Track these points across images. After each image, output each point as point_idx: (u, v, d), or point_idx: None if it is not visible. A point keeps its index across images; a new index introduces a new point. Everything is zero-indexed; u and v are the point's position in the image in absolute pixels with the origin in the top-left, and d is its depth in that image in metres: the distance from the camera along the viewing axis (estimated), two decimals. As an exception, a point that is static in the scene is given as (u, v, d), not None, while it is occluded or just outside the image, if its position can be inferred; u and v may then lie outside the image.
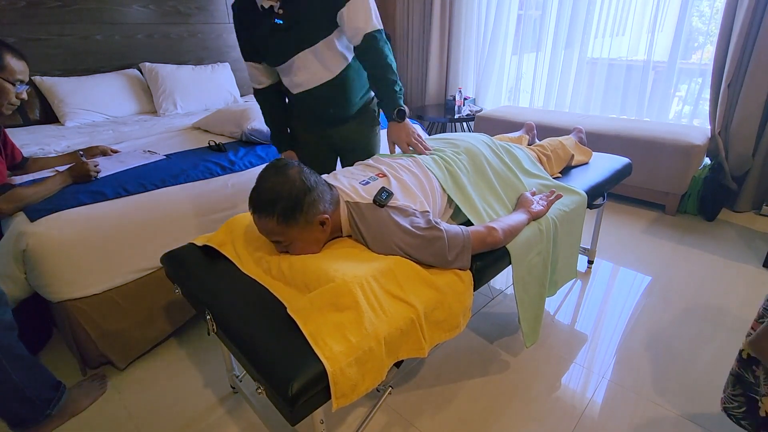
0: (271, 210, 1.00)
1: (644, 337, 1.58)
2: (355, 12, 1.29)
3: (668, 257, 2.10)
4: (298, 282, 0.99)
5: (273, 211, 1.00)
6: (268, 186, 1.01)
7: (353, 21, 1.30)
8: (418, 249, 1.03)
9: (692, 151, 2.36)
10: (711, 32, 2.78)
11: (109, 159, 1.80)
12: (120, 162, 1.75)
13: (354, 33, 1.32)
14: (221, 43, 3.29)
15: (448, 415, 1.29)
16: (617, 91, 3.10)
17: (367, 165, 1.30)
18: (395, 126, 1.40)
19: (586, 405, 1.32)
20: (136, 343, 1.51)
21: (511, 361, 1.49)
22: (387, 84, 1.37)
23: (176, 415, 1.33)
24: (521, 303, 1.28)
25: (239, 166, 1.81)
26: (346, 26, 1.32)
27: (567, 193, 1.48)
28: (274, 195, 1.00)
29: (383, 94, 1.40)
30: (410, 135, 1.39)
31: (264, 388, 0.84)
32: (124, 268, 1.45)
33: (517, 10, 3.38)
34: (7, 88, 1.30)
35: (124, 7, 2.75)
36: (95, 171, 1.58)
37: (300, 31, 1.33)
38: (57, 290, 1.34)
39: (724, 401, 1.05)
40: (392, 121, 1.40)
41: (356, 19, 1.30)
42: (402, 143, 1.40)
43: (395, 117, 1.39)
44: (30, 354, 1.20)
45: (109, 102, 2.62)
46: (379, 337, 0.87)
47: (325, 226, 1.06)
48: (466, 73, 3.77)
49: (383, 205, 1.07)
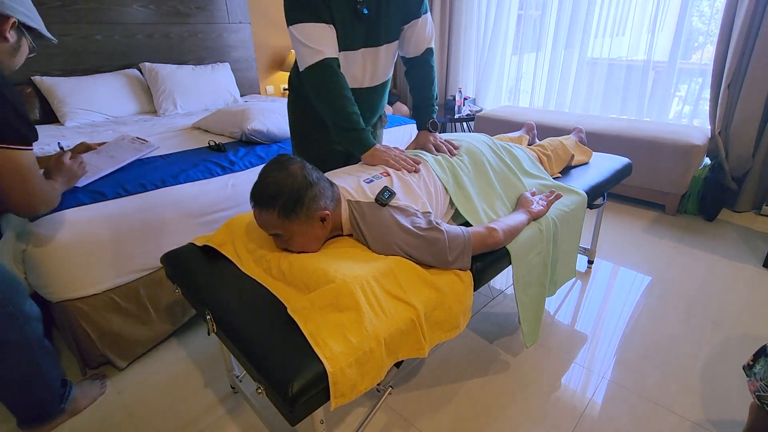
0: (272, 204, 1.00)
1: (644, 337, 1.58)
2: (425, 24, 1.37)
3: (668, 257, 2.10)
4: (298, 282, 0.99)
5: (274, 204, 1.00)
6: (270, 180, 1.02)
7: (423, 32, 1.37)
8: (418, 249, 1.03)
9: (692, 151, 2.36)
10: (711, 32, 2.78)
11: (98, 155, 1.61)
12: (111, 157, 1.62)
13: (418, 43, 1.39)
14: (221, 43, 3.29)
15: (448, 415, 1.29)
16: (617, 91, 3.10)
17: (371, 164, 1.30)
18: (427, 135, 1.44)
19: (586, 405, 1.32)
20: (136, 343, 1.51)
21: (511, 361, 1.49)
22: (431, 97, 1.46)
23: (176, 415, 1.33)
24: (521, 303, 1.28)
25: (239, 166, 1.81)
26: (414, 36, 1.37)
27: (567, 193, 1.48)
28: (276, 189, 1.00)
29: (424, 105, 1.47)
30: (437, 140, 1.43)
31: (264, 388, 0.84)
32: (124, 268, 1.45)
33: (517, 10, 3.39)
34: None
35: (124, 7, 2.75)
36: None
37: (385, 26, 1.32)
38: (57, 290, 1.34)
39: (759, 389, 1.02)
40: (424, 130, 1.46)
41: (425, 31, 1.38)
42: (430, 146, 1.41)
43: (429, 127, 1.45)
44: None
45: (109, 102, 2.62)
46: (379, 338, 0.87)
47: (325, 223, 1.06)
48: (466, 73, 3.77)
49: (385, 204, 1.07)
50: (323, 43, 1.21)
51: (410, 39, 1.38)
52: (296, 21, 1.19)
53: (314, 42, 1.20)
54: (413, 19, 1.34)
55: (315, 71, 1.22)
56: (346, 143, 1.31)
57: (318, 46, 1.20)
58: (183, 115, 2.74)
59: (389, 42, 1.35)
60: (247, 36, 3.44)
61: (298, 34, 1.20)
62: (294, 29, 1.21)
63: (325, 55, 1.21)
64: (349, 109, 1.25)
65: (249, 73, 3.52)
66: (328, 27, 1.21)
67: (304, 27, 1.19)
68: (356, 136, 1.27)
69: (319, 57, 1.21)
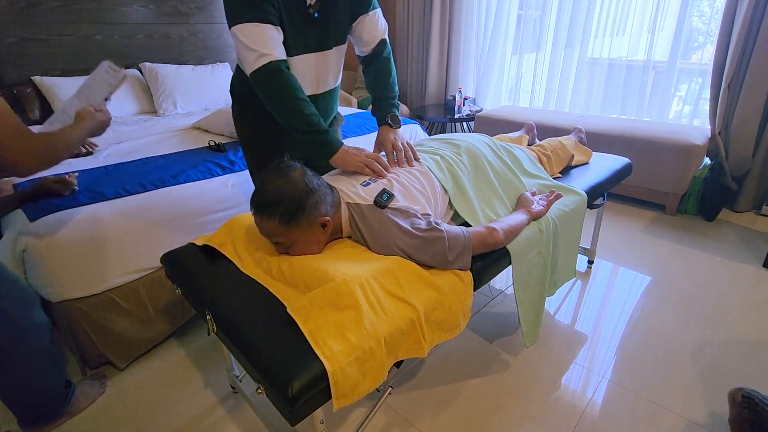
0: (273, 211, 1.00)
1: (644, 337, 1.58)
2: (375, 19, 1.31)
3: (668, 257, 2.10)
4: (298, 282, 0.99)
5: (275, 212, 1.00)
6: (270, 188, 1.01)
7: (374, 27, 1.31)
8: (418, 250, 1.03)
9: (692, 151, 2.36)
10: (711, 32, 2.78)
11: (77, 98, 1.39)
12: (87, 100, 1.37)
13: (370, 39, 1.33)
14: (221, 43, 3.29)
15: (448, 415, 1.29)
16: (617, 91, 3.10)
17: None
18: (387, 130, 1.33)
19: (586, 405, 1.32)
20: (136, 343, 1.51)
21: (511, 361, 1.49)
22: (388, 89, 1.37)
23: (176, 415, 1.33)
24: (521, 303, 1.28)
25: (239, 166, 1.81)
26: (365, 32, 1.31)
27: (567, 193, 1.48)
28: (277, 197, 1.00)
29: (382, 98, 1.38)
30: (398, 140, 1.31)
31: (264, 388, 0.84)
32: (124, 268, 1.45)
33: (517, 10, 3.39)
34: None
35: (124, 7, 2.75)
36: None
37: (334, 28, 1.28)
38: (57, 290, 1.34)
39: None
40: (384, 126, 1.35)
41: (377, 26, 1.32)
42: (388, 145, 1.29)
43: (389, 121, 1.34)
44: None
45: (109, 102, 2.61)
46: (378, 337, 0.87)
47: (326, 228, 1.06)
48: (466, 73, 3.77)
49: (384, 206, 1.07)
50: (269, 45, 1.11)
51: (361, 36, 1.32)
52: (238, 21, 1.10)
53: (259, 44, 1.10)
54: (361, 15, 1.28)
55: (263, 75, 1.12)
56: (309, 148, 1.21)
57: (263, 49, 1.11)
58: (183, 115, 2.74)
59: (339, 45, 1.32)
60: (247, 36, 3.43)
61: (242, 35, 1.10)
62: (237, 30, 1.10)
63: (273, 58, 1.12)
64: (306, 111, 1.16)
65: (249, 73, 3.52)
66: (275, 28, 1.13)
67: (246, 27, 1.10)
68: (320, 138, 1.18)
69: (266, 60, 1.11)
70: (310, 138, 1.18)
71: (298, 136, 1.19)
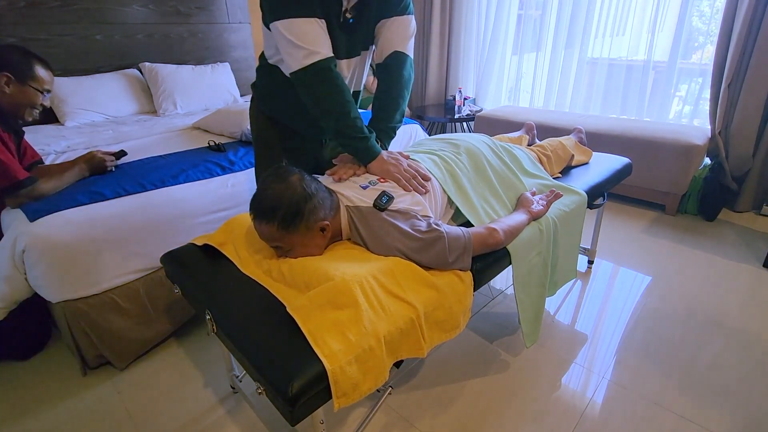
0: (271, 217, 1.00)
1: (644, 337, 1.58)
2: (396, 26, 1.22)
3: (668, 257, 2.10)
4: (298, 282, 0.99)
5: (274, 217, 1.00)
6: (269, 193, 1.01)
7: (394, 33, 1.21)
8: (418, 252, 1.03)
9: (692, 151, 2.36)
10: (711, 32, 2.78)
11: None
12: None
13: (385, 46, 1.23)
14: (221, 43, 3.29)
15: (448, 416, 1.29)
16: (617, 91, 3.10)
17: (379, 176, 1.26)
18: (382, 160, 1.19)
19: (586, 405, 1.32)
20: (136, 343, 1.51)
21: (511, 361, 1.49)
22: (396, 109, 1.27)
23: (176, 415, 1.33)
24: (521, 303, 1.28)
25: (239, 166, 1.81)
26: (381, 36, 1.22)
27: (567, 193, 1.48)
28: (275, 202, 1.00)
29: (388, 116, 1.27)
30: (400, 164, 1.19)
31: (264, 388, 0.84)
32: (124, 268, 1.45)
33: (517, 10, 3.39)
34: (36, 96, 1.41)
35: (124, 7, 2.75)
36: (111, 163, 1.65)
37: (362, 34, 1.23)
38: (56, 290, 1.34)
39: None
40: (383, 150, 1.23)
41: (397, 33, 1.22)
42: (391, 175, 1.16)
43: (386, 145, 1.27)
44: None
45: (109, 102, 2.61)
46: (378, 336, 0.87)
47: (325, 232, 1.06)
48: (466, 73, 3.77)
49: (384, 209, 1.07)
50: (319, 43, 1.06)
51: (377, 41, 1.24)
52: (285, 16, 1.04)
53: (308, 41, 1.05)
54: (384, 19, 1.21)
55: (311, 74, 1.08)
56: (350, 152, 1.21)
57: (312, 46, 1.05)
58: (183, 115, 2.73)
59: (366, 49, 1.29)
60: (247, 36, 3.44)
61: (288, 31, 1.04)
62: (282, 26, 1.04)
63: (323, 56, 1.07)
64: (353, 114, 1.13)
65: (249, 73, 3.52)
66: (322, 23, 1.07)
67: (295, 23, 1.04)
68: (362, 145, 1.16)
69: (316, 57, 1.06)
70: (351, 143, 1.16)
71: (339, 138, 1.17)
